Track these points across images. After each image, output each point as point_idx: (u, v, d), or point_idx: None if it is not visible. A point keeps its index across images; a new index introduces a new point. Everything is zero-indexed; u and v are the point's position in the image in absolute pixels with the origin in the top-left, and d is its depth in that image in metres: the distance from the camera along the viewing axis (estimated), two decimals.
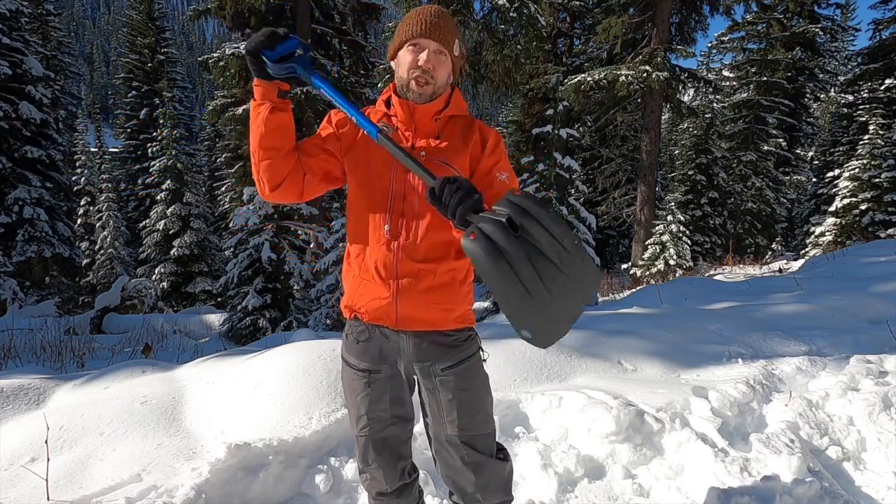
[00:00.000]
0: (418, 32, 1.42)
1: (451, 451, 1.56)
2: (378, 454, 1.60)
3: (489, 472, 1.57)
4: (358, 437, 1.63)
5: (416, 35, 1.43)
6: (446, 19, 1.46)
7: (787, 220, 21.31)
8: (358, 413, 1.59)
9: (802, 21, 19.12)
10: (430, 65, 1.43)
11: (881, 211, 13.67)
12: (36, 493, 2.01)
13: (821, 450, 2.48)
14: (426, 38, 1.43)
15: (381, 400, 1.57)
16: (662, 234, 13.59)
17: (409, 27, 1.44)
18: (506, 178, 1.48)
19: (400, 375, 1.59)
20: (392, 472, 1.63)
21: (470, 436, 1.54)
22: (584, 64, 15.89)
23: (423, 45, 1.43)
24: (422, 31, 1.42)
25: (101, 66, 78.03)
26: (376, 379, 1.55)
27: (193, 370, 3.03)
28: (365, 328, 1.54)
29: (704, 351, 3.50)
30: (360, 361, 1.56)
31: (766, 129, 18.17)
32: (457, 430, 1.53)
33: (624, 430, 2.41)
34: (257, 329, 8.73)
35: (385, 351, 1.54)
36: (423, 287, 1.45)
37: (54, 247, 13.20)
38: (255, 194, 9.01)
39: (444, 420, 1.54)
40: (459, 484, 1.60)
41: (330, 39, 13.63)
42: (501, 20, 10.19)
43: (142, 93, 23.67)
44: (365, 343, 1.54)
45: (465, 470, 1.56)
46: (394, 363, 1.56)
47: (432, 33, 1.43)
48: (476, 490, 1.57)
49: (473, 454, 1.55)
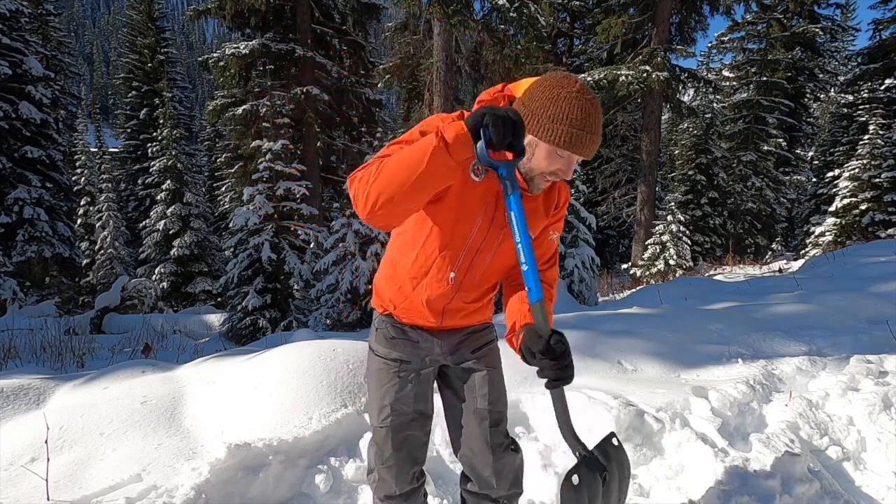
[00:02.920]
0: (576, 148, 1.26)
1: (476, 431, 1.60)
2: (396, 451, 1.61)
3: (505, 458, 1.62)
4: (377, 429, 1.63)
5: (573, 150, 1.27)
6: (601, 124, 1.30)
7: (787, 220, 21.31)
8: (381, 403, 1.60)
9: (802, 21, 19.11)
10: (569, 175, 1.35)
11: (881, 211, 13.66)
12: (36, 493, 2.01)
13: (821, 450, 2.48)
14: (581, 155, 1.30)
15: (406, 392, 1.60)
16: (662, 234, 13.59)
17: (567, 134, 1.24)
18: (555, 237, 1.57)
19: (427, 370, 1.63)
20: (404, 475, 1.64)
21: (498, 412, 1.62)
22: (584, 64, 15.91)
23: (573, 158, 1.31)
24: (580, 149, 1.27)
25: (101, 66, 78.01)
26: (406, 370, 1.60)
27: (193, 370, 3.03)
28: (400, 326, 1.60)
29: (704, 351, 3.50)
30: (390, 351, 1.60)
31: (766, 129, 18.17)
32: (487, 405, 1.60)
33: (624, 430, 2.41)
34: (257, 329, 8.72)
35: (418, 343, 1.60)
36: (466, 312, 1.58)
37: (54, 247, 13.19)
38: (254, 194, 9.02)
39: (476, 395, 1.61)
40: (478, 468, 1.63)
41: (330, 39, 13.64)
42: (501, 20, 10.18)
43: (142, 93, 23.66)
44: (397, 336, 1.60)
45: (486, 451, 1.60)
46: (424, 357, 1.61)
47: (589, 150, 1.28)
48: (492, 474, 1.61)
49: (496, 434, 1.61)
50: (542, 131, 1.26)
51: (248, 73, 12.75)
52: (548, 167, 1.32)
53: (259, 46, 12.02)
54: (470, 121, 1.16)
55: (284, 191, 9.19)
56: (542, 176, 1.36)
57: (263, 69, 13.01)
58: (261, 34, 12.56)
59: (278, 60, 12.76)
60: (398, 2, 9.66)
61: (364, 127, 13.76)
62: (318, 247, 9.41)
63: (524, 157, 1.28)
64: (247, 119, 12.29)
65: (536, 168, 1.34)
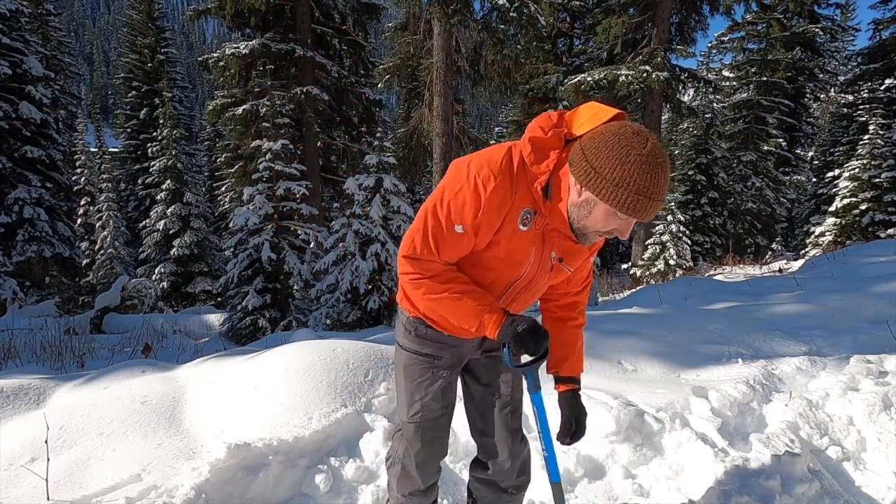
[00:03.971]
0: (640, 214, 1.19)
1: (498, 415, 1.65)
2: (427, 446, 1.65)
3: (520, 445, 1.70)
4: (407, 424, 1.64)
5: (639, 216, 1.20)
6: (667, 186, 1.24)
7: (787, 220, 21.31)
8: (411, 399, 1.61)
9: (802, 21, 19.11)
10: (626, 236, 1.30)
11: (881, 211, 13.66)
12: (36, 493, 2.01)
13: (821, 450, 2.48)
14: (643, 220, 1.23)
15: (436, 387, 1.61)
16: (662, 234, 13.59)
17: (632, 201, 1.16)
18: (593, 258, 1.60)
19: (457, 367, 1.65)
20: (431, 469, 1.70)
21: (518, 399, 1.69)
22: (584, 64, 15.90)
23: (632, 220, 1.24)
24: (644, 215, 1.20)
25: (101, 66, 78.01)
26: (437, 366, 1.60)
27: (193, 370, 3.03)
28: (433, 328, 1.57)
29: (704, 351, 3.49)
30: (421, 347, 1.59)
31: (766, 129, 18.17)
32: (510, 391, 1.66)
33: (624, 430, 2.41)
34: (257, 329, 8.72)
35: (450, 342, 1.59)
36: None
37: (54, 247, 13.19)
38: (254, 194, 9.02)
39: (500, 381, 1.66)
40: (496, 450, 1.67)
41: (330, 39, 13.63)
42: (501, 20, 10.17)
43: (142, 93, 23.66)
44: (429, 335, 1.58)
45: (507, 436, 1.65)
46: (457, 355, 1.62)
47: (651, 215, 1.22)
48: (508, 457, 1.66)
49: (515, 419, 1.68)
50: (605, 194, 1.17)
51: (248, 73, 12.75)
52: (604, 227, 1.26)
53: (259, 46, 12.02)
54: (499, 337, 1.34)
55: (284, 191, 9.19)
56: (596, 233, 1.30)
57: (263, 69, 13.01)
58: (261, 34, 12.56)
59: (278, 60, 12.76)
60: (398, 2, 9.66)
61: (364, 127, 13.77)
62: (318, 247, 9.41)
63: (546, 358, 1.43)
64: (247, 119, 12.30)
65: (591, 227, 1.27)
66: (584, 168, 1.19)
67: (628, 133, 1.17)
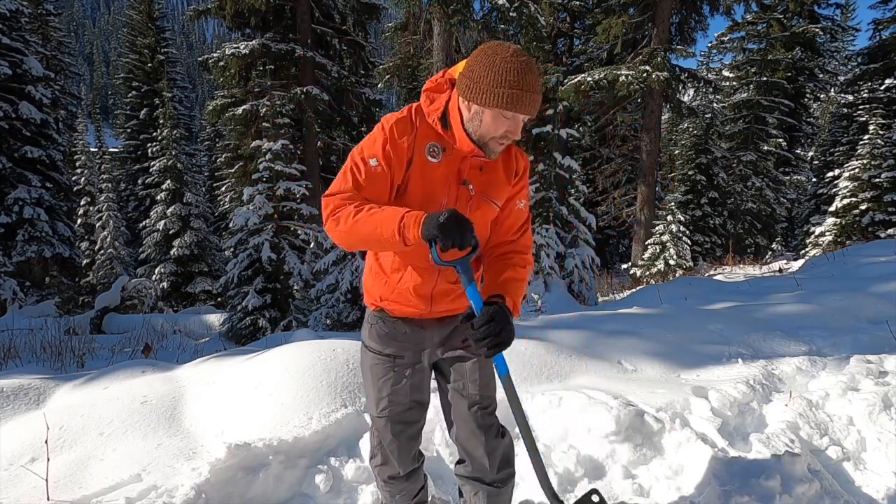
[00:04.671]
0: (518, 107, 1.34)
1: (467, 414, 1.68)
2: (395, 437, 1.71)
3: (496, 439, 1.71)
4: (377, 419, 1.72)
5: (516, 109, 1.34)
6: (539, 83, 1.38)
7: (787, 220, 21.31)
8: (378, 396, 1.68)
9: (802, 21, 19.10)
10: (518, 135, 1.41)
11: (881, 211, 13.65)
12: (36, 493, 2.01)
13: (821, 450, 2.48)
14: (524, 113, 1.37)
15: (402, 385, 1.67)
16: (662, 234, 13.58)
17: (507, 95, 1.33)
18: (524, 205, 1.63)
19: (421, 363, 1.69)
20: (405, 457, 1.75)
21: (488, 397, 1.70)
22: (584, 64, 15.91)
23: (518, 118, 1.38)
24: (522, 107, 1.35)
25: (101, 66, 78.00)
26: (400, 364, 1.67)
27: (193, 370, 3.03)
28: (391, 320, 1.65)
29: (704, 351, 3.49)
30: (384, 347, 1.66)
31: (766, 129, 18.17)
32: (477, 389, 1.67)
33: (624, 430, 2.41)
34: (257, 329, 8.72)
35: (410, 339, 1.66)
36: (453, 295, 1.62)
37: (54, 247, 13.18)
38: (254, 194, 9.02)
39: (467, 381, 1.67)
40: (470, 449, 1.71)
41: (330, 39, 13.63)
42: (501, 20, 10.18)
43: (142, 93, 23.65)
44: (389, 333, 1.66)
45: (478, 433, 1.68)
46: (417, 351, 1.68)
47: (531, 108, 1.36)
48: (484, 454, 1.69)
49: (486, 416, 1.69)
50: (485, 97, 1.34)
51: (248, 73, 12.74)
52: (496, 130, 1.39)
53: (259, 46, 12.02)
54: (422, 233, 1.31)
55: (284, 191, 9.19)
56: (495, 140, 1.42)
57: (263, 69, 13.00)
58: (261, 34, 12.55)
59: (278, 60, 12.75)
60: (398, 2, 9.67)
61: (364, 127, 13.75)
62: (318, 247, 9.41)
63: (477, 251, 1.40)
64: (247, 119, 12.29)
65: (486, 134, 1.41)
66: (465, 84, 1.38)
67: (491, 45, 1.38)
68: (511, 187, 1.59)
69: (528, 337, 3.38)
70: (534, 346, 3.22)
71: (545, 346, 3.26)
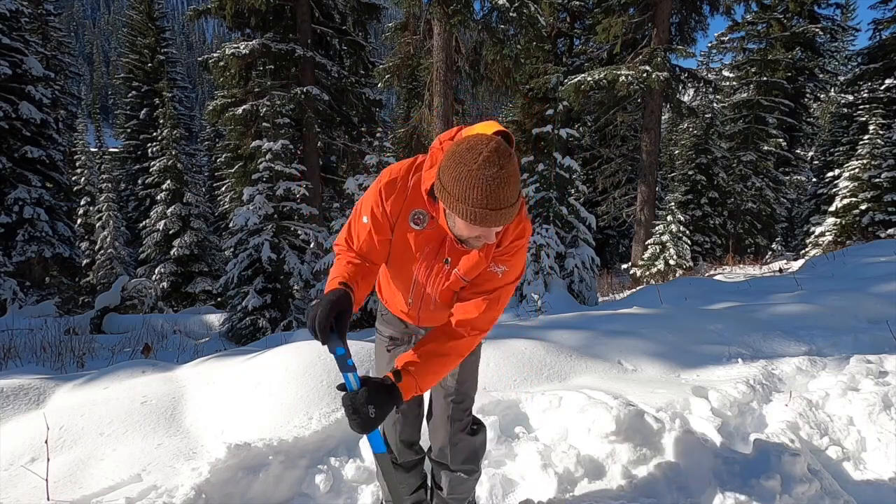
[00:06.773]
0: (486, 223, 1.24)
1: (441, 403, 1.79)
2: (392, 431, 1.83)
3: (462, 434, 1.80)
4: None
5: (483, 225, 1.25)
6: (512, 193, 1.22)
7: (787, 220, 21.30)
8: (380, 372, 1.84)
9: (802, 21, 19.10)
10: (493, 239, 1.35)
11: (881, 211, 13.66)
12: (36, 493, 2.01)
13: (821, 450, 2.48)
14: (493, 226, 1.26)
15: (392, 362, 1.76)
16: (662, 234, 13.58)
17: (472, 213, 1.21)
18: (501, 270, 1.50)
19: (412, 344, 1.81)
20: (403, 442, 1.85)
21: (463, 392, 1.79)
22: (584, 64, 15.90)
23: (487, 232, 1.30)
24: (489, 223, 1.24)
25: (101, 66, 78.00)
26: (395, 344, 1.83)
27: (193, 370, 3.03)
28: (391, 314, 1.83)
29: (704, 351, 3.49)
30: (385, 329, 1.85)
31: (766, 129, 18.16)
32: (455, 384, 1.77)
33: (624, 430, 2.41)
34: (257, 329, 8.72)
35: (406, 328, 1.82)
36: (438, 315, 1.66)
37: (54, 247, 13.18)
38: (254, 194, 9.01)
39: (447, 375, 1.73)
40: (436, 437, 1.82)
41: (330, 39, 13.62)
42: (501, 20, 10.18)
43: (142, 93, 23.66)
44: (389, 321, 1.84)
45: (445, 423, 1.78)
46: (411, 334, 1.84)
47: (500, 222, 1.25)
48: (447, 444, 1.79)
49: (457, 410, 1.78)
50: (453, 207, 1.25)
51: (248, 73, 12.73)
52: (468, 235, 1.34)
53: (259, 46, 12.01)
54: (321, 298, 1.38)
55: (284, 191, 9.19)
56: (469, 240, 1.37)
57: (263, 69, 12.99)
58: (261, 34, 12.54)
59: (278, 60, 12.74)
60: (398, 2, 9.67)
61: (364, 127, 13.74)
62: (318, 247, 9.41)
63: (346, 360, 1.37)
64: (247, 119, 12.28)
65: (460, 235, 1.37)
66: (438, 185, 1.28)
67: (463, 150, 1.22)
68: (489, 261, 1.49)
69: (528, 337, 3.38)
70: (534, 346, 3.22)
71: (545, 346, 3.26)
